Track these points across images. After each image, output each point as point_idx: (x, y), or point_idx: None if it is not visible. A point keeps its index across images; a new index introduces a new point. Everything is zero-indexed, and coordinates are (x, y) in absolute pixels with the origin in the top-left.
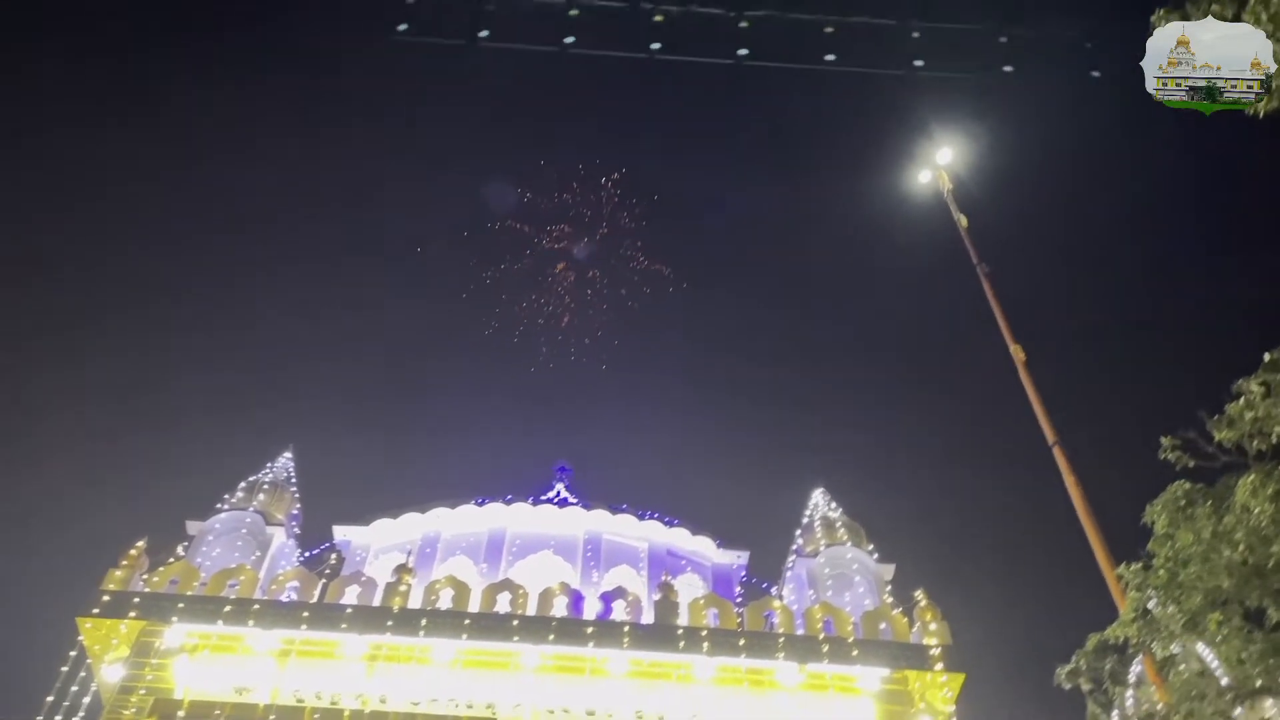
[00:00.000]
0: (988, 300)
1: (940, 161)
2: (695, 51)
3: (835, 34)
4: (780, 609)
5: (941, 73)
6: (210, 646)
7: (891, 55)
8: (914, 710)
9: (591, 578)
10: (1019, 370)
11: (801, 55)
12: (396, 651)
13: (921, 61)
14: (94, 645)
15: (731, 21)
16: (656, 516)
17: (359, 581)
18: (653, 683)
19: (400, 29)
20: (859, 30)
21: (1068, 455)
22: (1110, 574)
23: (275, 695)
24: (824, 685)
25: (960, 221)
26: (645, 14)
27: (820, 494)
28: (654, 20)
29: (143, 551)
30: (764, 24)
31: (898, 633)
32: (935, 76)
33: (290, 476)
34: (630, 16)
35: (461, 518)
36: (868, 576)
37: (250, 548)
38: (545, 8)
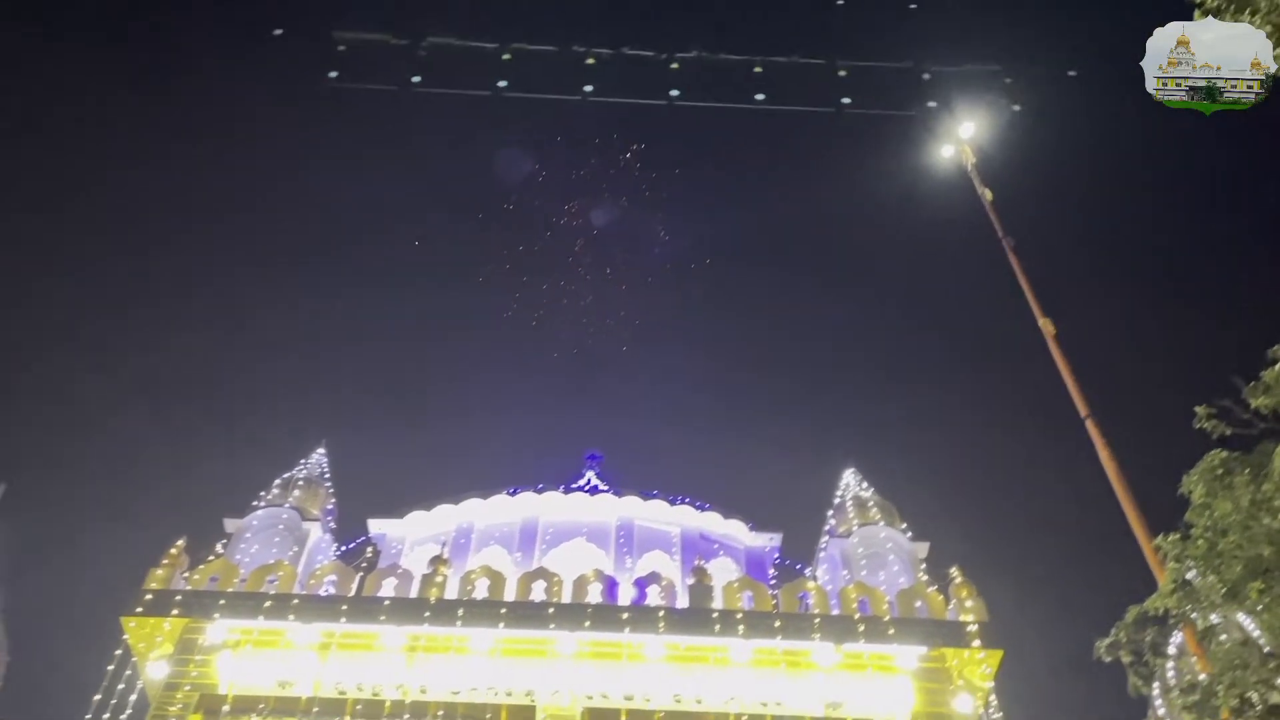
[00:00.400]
0: (1015, 274)
1: (963, 136)
2: (628, 93)
3: (764, 73)
4: (815, 590)
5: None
6: (252, 642)
7: (821, 92)
8: (952, 688)
9: (625, 564)
10: (1049, 344)
11: (729, 95)
12: (435, 642)
13: (849, 99)
14: (139, 643)
15: (664, 64)
16: (688, 501)
17: (395, 574)
18: (689, 667)
19: (332, 75)
20: (788, 70)
21: (1101, 428)
22: (1148, 546)
23: (317, 688)
24: (861, 665)
25: (985, 195)
26: (579, 56)
27: (851, 474)
28: (587, 63)
29: (182, 550)
30: (693, 64)
31: (934, 610)
32: (862, 113)
33: (324, 472)
34: (565, 59)
35: (494, 508)
36: (902, 555)
37: (287, 543)
38: (476, 52)
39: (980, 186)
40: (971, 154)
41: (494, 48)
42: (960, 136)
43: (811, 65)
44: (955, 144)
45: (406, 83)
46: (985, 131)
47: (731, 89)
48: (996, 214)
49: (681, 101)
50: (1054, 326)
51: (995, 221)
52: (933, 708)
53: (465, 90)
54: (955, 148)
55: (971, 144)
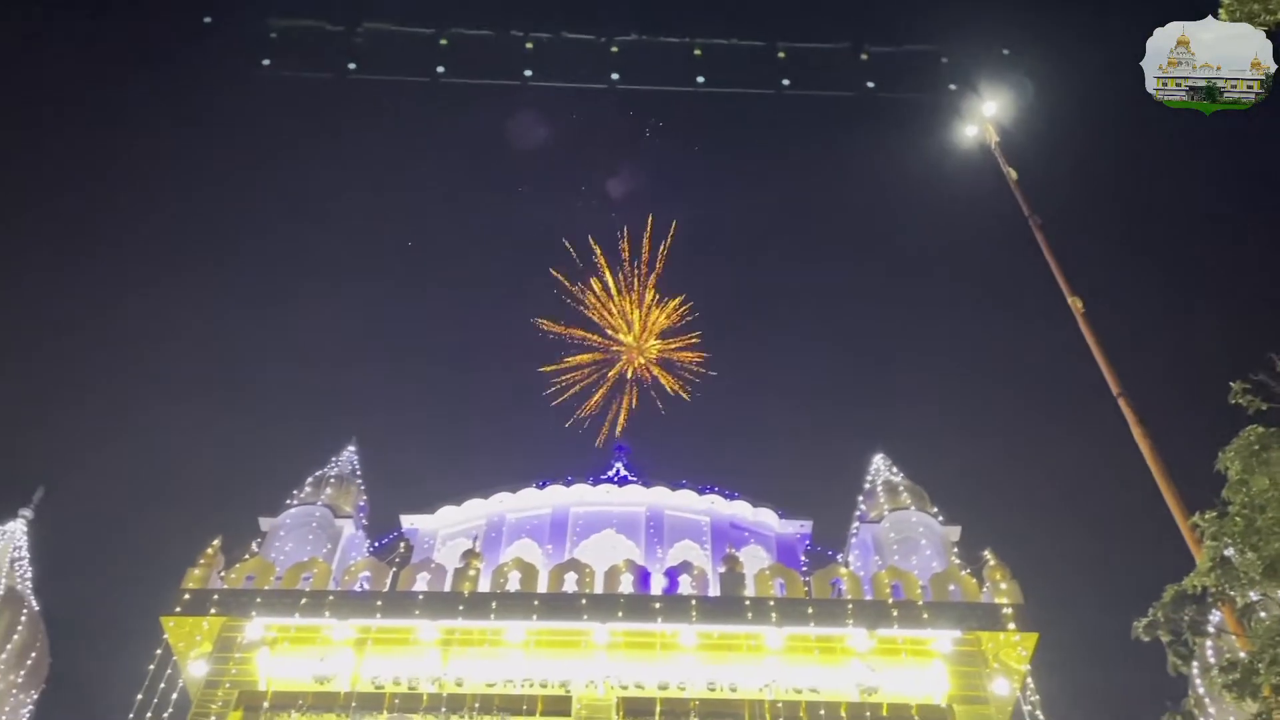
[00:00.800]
0: (1042, 253)
1: (986, 114)
2: (567, 77)
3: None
4: (847, 576)
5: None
6: (289, 638)
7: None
8: (988, 671)
9: (656, 554)
10: (1078, 322)
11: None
12: (469, 635)
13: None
14: (178, 642)
15: (604, 47)
16: (717, 490)
17: (428, 568)
18: (723, 655)
19: (264, 63)
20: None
21: (1134, 406)
22: (1184, 524)
23: (355, 682)
24: (896, 650)
25: (1010, 174)
26: (519, 42)
27: (881, 459)
28: (526, 48)
29: (219, 549)
30: (632, 48)
31: (968, 594)
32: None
33: (355, 469)
34: (503, 45)
35: (524, 501)
36: (934, 539)
37: (321, 541)
38: (413, 38)
39: (1005, 165)
40: (995, 133)
41: (430, 33)
42: (983, 115)
43: (833, 48)
44: (979, 123)
45: (343, 69)
46: (1008, 109)
47: (749, 74)
48: (1022, 193)
49: (618, 86)
50: (1083, 304)
51: (1021, 200)
52: (968, 691)
53: (403, 77)
54: (979, 127)
55: (994, 123)
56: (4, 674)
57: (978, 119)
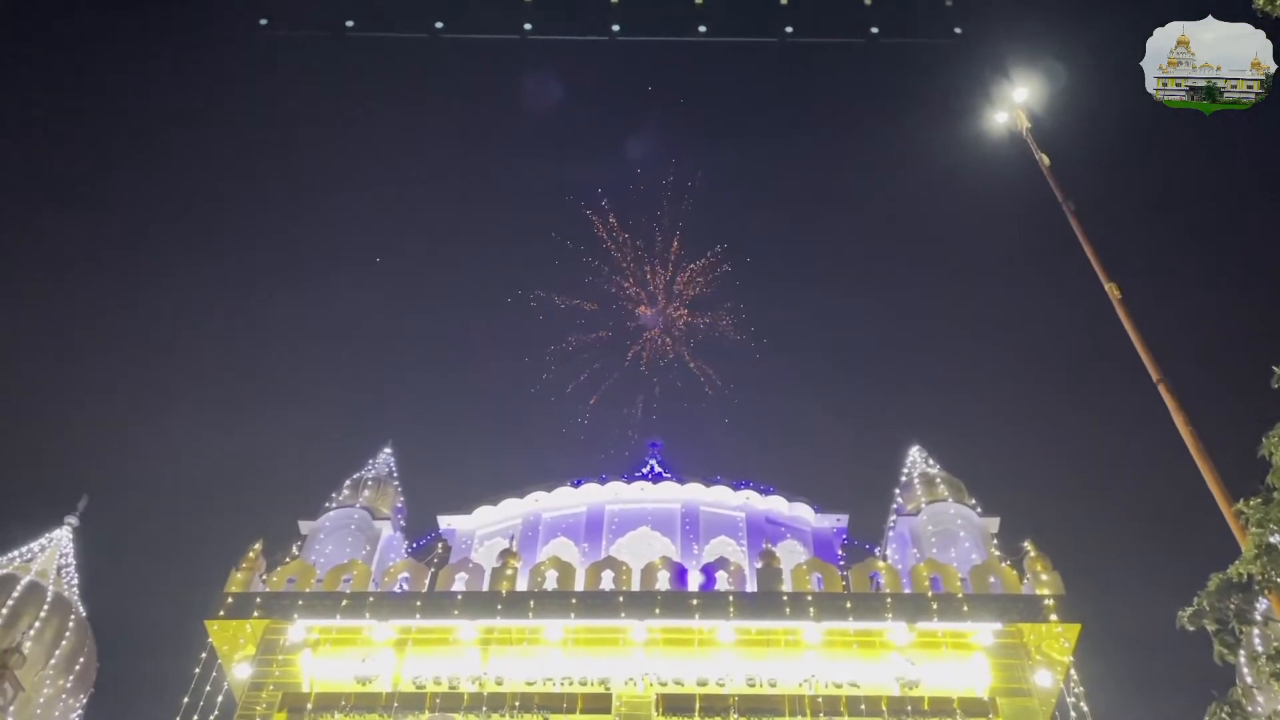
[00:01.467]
0: (1077, 239)
1: (1017, 100)
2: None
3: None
4: (885, 569)
5: None
6: (331, 640)
7: None
8: (1030, 663)
9: (692, 550)
10: (1115, 308)
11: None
12: (508, 634)
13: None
14: (223, 645)
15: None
16: (752, 485)
17: (466, 568)
18: (761, 650)
19: (262, 23)
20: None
21: (1174, 391)
22: (1228, 511)
23: (396, 682)
24: (936, 643)
25: (1042, 160)
26: None
27: (917, 450)
28: (524, 1)
29: (260, 553)
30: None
31: (1008, 585)
32: None
33: (392, 471)
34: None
35: (559, 499)
36: (972, 531)
37: (360, 543)
38: None
39: (1037, 151)
40: (1026, 119)
41: None
42: (1014, 101)
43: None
44: (1010, 110)
45: (340, 28)
46: (1039, 95)
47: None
48: (1055, 179)
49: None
50: (1120, 290)
51: (1054, 186)
52: (1011, 684)
53: (401, 34)
54: (1010, 113)
55: (1025, 109)
56: (53, 679)
57: (1008, 105)
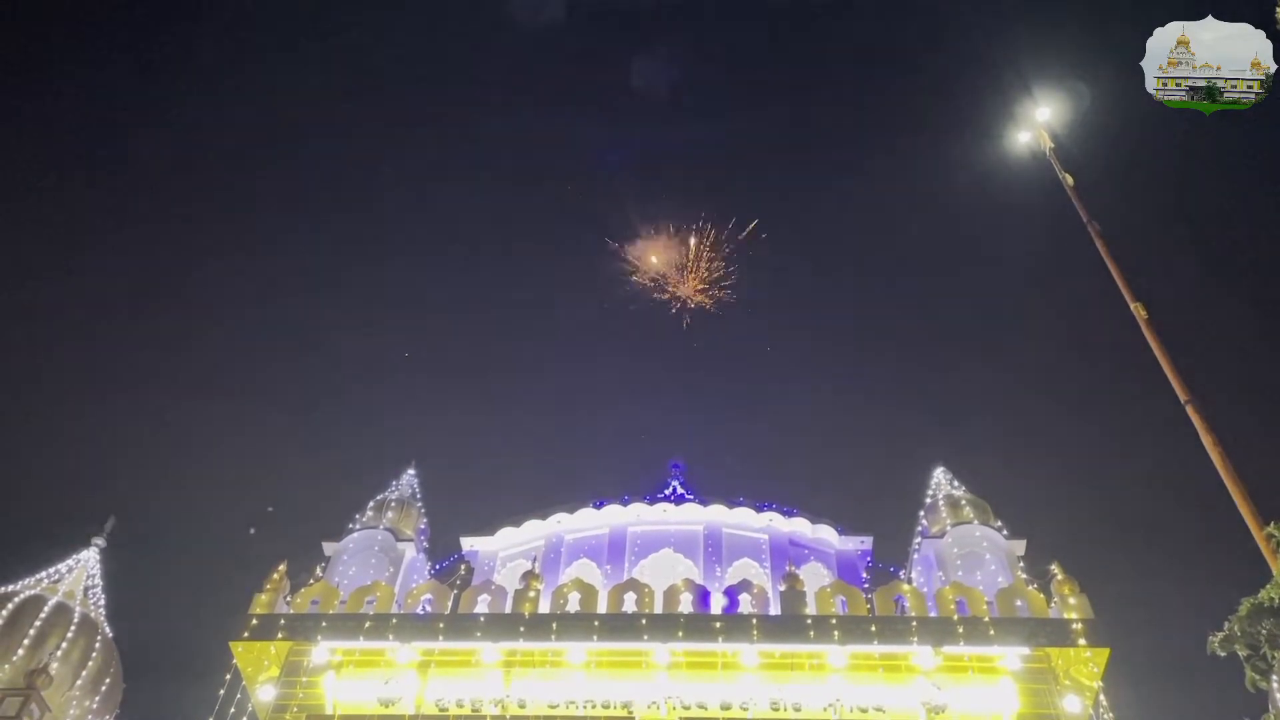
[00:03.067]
0: (1102, 259)
1: (1040, 119)
2: None
3: None
4: (910, 592)
5: None
6: (354, 661)
7: None
8: (1059, 688)
9: (715, 572)
10: (1142, 328)
11: None
12: (531, 656)
13: None
14: (247, 667)
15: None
16: (775, 507)
17: (489, 590)
18: (785, 674)
19: None
20: None
21: (1202, 413)
22: (1259, 534)
23: (419, 705)
24: (962, 667)
25: (1066, 180)
26: None
27: (941, 472)
28: None
29: (284, 575)
30: None
31: (1035, 609)
32: None
33: (415, 492)
34: None
35: (581, 521)
36: (998, 554)
37: (384, 564)
38: None
39: (1061, 172)
40: (1049, 139)
41: None
42: (1037, 121)
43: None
44: (1033, 129)
45: None
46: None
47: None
48: (1079, 199)
49: None
50: (1146, 310)
51: (1079, 206)
52: (1039, 709)
53: None
54: (1033, 133)
55: (1048, 128)
56: (80, 699)
57: (1032, 125)
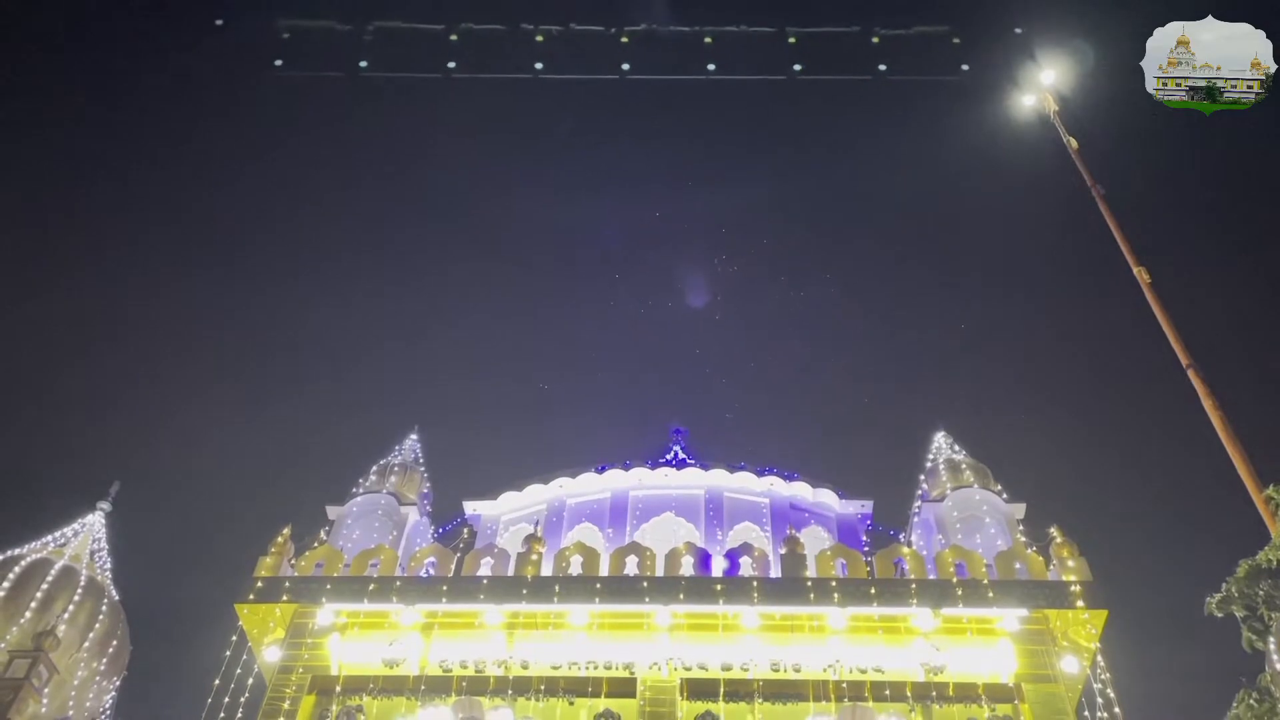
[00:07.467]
0: (1105, 222)
1: (1044, 83)
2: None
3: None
4: (910, 555)
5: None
6: (358, 624)
7: None
8: (1056, 649)
9: (716, 536)
10: (1145, 292)
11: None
12: (533, 619)
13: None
14: (253, 629)
15: (613, 38)
16: (775, 471)
17: (492, 553)
18: (785, 636)
19: (277, 64)
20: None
21: (1203, 376)
22: (1258, 496)
23: (423, 666)
24: (961, 629)
25: (1071, 144)
26: (529, 35)
27: (942, 436)
28: (536, 41)
29: (289, 538)
30: (643, 38)
31: (1034, 572)
32: None
33: (418, 457)
34: (513, 39)
35: (584, 485)
36: (998, 517)
37: (387, 528)
38: (423, 34)
39: (1065, 135)
40: (1054, 102)
41: (442, 29)
42: (1042, 84)
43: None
44: (1037, 93)
45: (355, 69)
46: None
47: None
48: (1084, 162)
49: (633, 76)
50: (1149, 274)
51: (1083, 170)
52: (1037, 670)
53: (414, 74)
54: (1037, 96)
55: (1053, 91)
56: (87, 662)
57: (1036, 88)
